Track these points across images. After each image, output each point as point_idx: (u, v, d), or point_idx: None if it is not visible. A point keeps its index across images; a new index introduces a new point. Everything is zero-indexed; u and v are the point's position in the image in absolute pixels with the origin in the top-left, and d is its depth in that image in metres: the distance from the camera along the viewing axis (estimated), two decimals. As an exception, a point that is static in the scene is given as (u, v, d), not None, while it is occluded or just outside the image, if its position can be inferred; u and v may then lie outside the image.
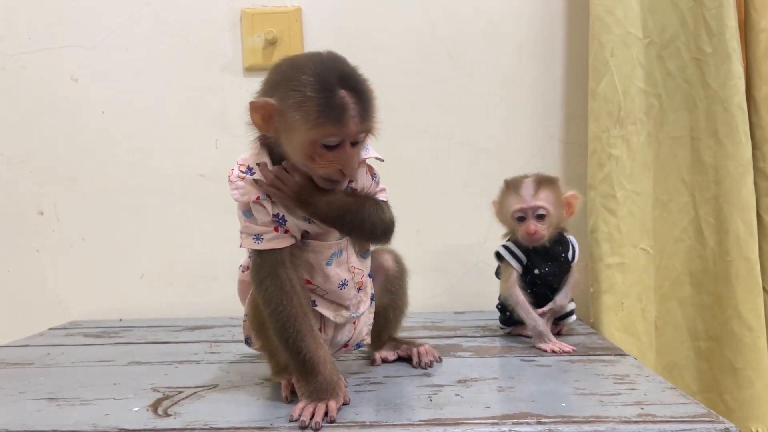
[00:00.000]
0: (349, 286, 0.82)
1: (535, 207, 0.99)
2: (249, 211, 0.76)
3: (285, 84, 0.71)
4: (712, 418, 0.66)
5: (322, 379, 0.71)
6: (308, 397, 0.70)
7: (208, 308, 1.34)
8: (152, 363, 0.94)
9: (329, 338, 0.84)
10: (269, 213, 0.75)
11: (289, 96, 0.70)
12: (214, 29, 1.33)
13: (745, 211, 1.16)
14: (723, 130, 1.16)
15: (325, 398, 0.70)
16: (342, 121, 0.69)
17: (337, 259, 0.81)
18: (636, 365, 0.88)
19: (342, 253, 0.81)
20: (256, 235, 0.76)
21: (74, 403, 0.75)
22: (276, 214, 0.75)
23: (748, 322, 1.15)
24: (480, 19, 1.32)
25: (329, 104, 0.69)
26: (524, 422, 0.66)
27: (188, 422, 0.67)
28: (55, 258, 1.36)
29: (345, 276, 0.81)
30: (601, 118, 1.18)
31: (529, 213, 0.99)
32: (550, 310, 1.02)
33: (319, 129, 0.69)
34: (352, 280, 0.82)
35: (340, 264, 0.81)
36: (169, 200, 1.35)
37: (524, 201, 0.99)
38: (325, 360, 0.73)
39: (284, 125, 0.71)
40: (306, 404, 0.69)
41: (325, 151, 0.71)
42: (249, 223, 0.76)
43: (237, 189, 0.75)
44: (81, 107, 1.34)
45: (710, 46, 1.16)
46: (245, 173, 0.76)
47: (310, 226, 0.78)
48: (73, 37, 1.34)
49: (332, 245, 0.80)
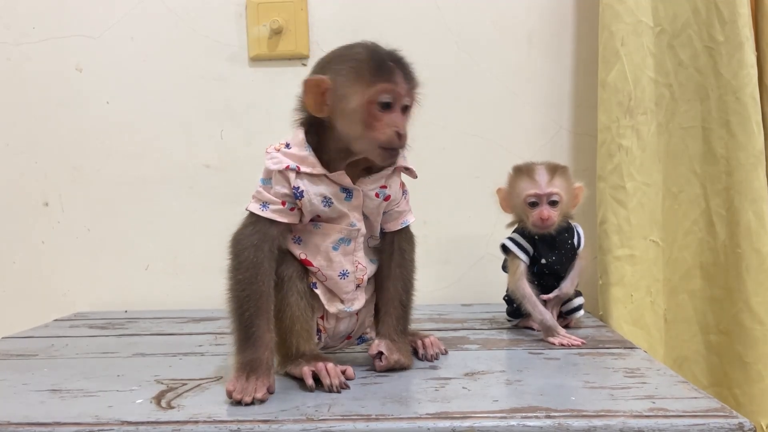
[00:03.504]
0: (348, 279, 0.82)
1: (550, 193, 0.97)
2: (269, 179, 0.79)
3: (336, 60, 0.77)
4: (725, 412, 0.64)
5: (257, 359, 0.72)
6: (240, 369, 0.72)
7: (213, 299, 1.31)
8: (156, 355, 0.94)
9: (331, 328, 0.84)
10: (289, 185, 0.77)
11: (342, 68, 0.75)
12: (219, 19, 1.32)
13: (756, 202, 1.14)
14: (735, 120, 1.14)
15: (255, 375, 0.71)
16: (394, 78, 0.75)
17: (344, 247, 0.81)
18: (646, 358, 0.87)
19: (350, 243, 0.81)
20: (264, 203, 0.78)
21: (77, 395, 0.74)
22: (296, 187, 0.77)
23: (759, 315, 1.14)
24: (489, 9, 1.30)
25: (382, 65, 0.75)
26: (533, 416, 0.64)
27: (192, 415, 0.66)
28: (60, 249, 1.36)
29: (348, 267, 0.81)
30: (611, 108, 1.16)
31: (543, 199, 0.98)
32: (555, 297, 1.00)
33: (374, 86, 0.74)
34: (353, 273, 0.82)
35: (346, 253, 0.81)
36: (175, 191, 1.34)
37: (539, 186, 0.98)
38: (268, 345, 0.74)
39: (337, 98, 0.75)
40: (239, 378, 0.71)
41: (381, 114, 0.74)
42: (263, 189, 0.79)
43: (271, 159, 0.79)
44: (86, 97, 1.34)
45: (722, 34, 1.14)
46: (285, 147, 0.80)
47: (326, 211, 0.78)
48: (77, 26, 1.33)
49: (342, 230, 0.80)
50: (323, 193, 0.78)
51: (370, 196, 0.80)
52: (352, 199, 0.79)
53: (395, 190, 0.82)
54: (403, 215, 0.85)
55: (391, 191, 0.81)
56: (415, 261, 0.86)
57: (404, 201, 0.85)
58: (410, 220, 0.86)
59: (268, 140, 1.30)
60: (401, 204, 0.84)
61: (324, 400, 0.70)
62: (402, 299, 0.84)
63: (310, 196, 0.77)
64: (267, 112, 1.33)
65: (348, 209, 0.79)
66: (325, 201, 0.78)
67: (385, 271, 0.85)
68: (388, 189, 0.81)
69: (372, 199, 0.81)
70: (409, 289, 0.85)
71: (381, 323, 0.84)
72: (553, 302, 1.01)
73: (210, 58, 1.32)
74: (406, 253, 0.85)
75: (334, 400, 0.70)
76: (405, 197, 0.85)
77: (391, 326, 0.83)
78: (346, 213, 0.79)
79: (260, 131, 1.33)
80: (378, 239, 0.85)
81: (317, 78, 0.75)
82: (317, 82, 0.75)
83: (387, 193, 0.81)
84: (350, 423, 0.64)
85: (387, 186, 0.81)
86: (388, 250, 0.85)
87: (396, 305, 0.84)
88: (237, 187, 1.33)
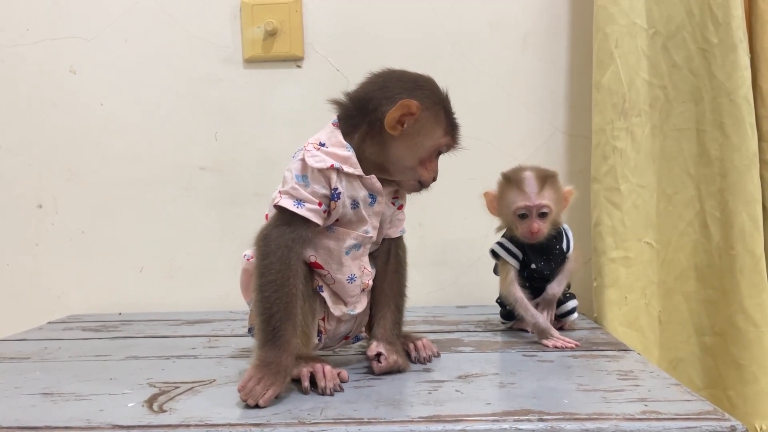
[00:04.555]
0: (356, 283, 0.83)
1: (540, 206, 0.96)
2: (306, 176, 0.77)
3: (421, 90, 0.79)
4: (718, 415, 0.64)
5: (278, 362, 0.71)
6: (257, 368, 0.71)
7: (208, 302, 1.33)
8: (150, 357, 0.93)
9: (332, 329, 0.85)
10: (329, 186, 0.77)
11: (429, 104, 0.79)
12: (214, 20, 1.32)
13: (750, 204, 1.14)
14: (729, 122, 1.15)
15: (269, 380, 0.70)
16: (456, 137, 0.83)
17: (355, 252, 0.82)
18: (640, 361, 0.87)
19: (360, 248, 0.83)
20: (299, 200, 0.76)
21: (69, 399, 0.74)
22: (335, 188, 0.77)
23: (753, 317, 1.14)
24: (484, 10, 1.30)
25: (453, 122, 0.83)
26: (525, 419, 0.64)
27: (183, 418, 0.66)
28: (54, 251, 1.35)
29: (356, 272, 0.83)
30: (606, 110, 1.16)
31: (533, 211, 0.96)
32: (542, 299, 1.00)
33: (446, 137, 0.82)
34: (360, 278, 0.83)
35: (355, 258, 0.83)
36: (169, 193, 1.34)
37: (529, 199, 0.96)
38: (291, 351, 0.73)
39: (416, 128, 0.79)
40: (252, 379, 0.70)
41: (434, 159, 0.82)
42: (298, 186, 0.77)
43: (313, 156, 0.77)
44: (80, 99, 1.33)
45: (716, 36, 1.14)
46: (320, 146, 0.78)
47: (351, 214, 0.79)
48: (72, 28, 1.33)
49: (357, 236, 0.81)
50: (354, 196, 0.79)
51: (388, 204, 0.84)
52: (375, 204, 0.81)
53: (405, 199, 0.87)
54: (402, 223, 0.89)
55: (402, 201, 0.87)
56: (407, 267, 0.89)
57: (402, 210, 0.89)
58: (405, 228, 0.89)
59: (263, 141, 1.33)
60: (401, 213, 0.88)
61: (317, 404, 0.70)
62: (398, 302, 0.86)
63: (344, 199, 0.78)
64: (262, 113, 1.33)
65: (369, 214, 0.81)
66: (353, 204, 0.79)
67: (381, 275, 0.87)
68: (400, 199, 0.86)
69: (389, 207, 0.84)
70: (403, 293, 0.88)
71: (377, 325, 0.85)
72: (544, 304, 1.00)
73: (204, 60, 1.32)
74: (401, 259, 0.88)
75: (327, 403, 0.70)
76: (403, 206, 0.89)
77: (387, 329, 0.84)
78: (366, 218, 0.81)
79: (255, 133, 1.33)
80: (377, 245, 0.87)
81: (416, 103, 0.77)
82: (412, 106, 0.76)
83: (400, 203, 0.86)
84: (342, 426, 0.64)
85: (399, 196, 0.86)
86: (384, 256, 0.87)
87: (392, 308, 0.86)
88: (232, 189, 1.34)
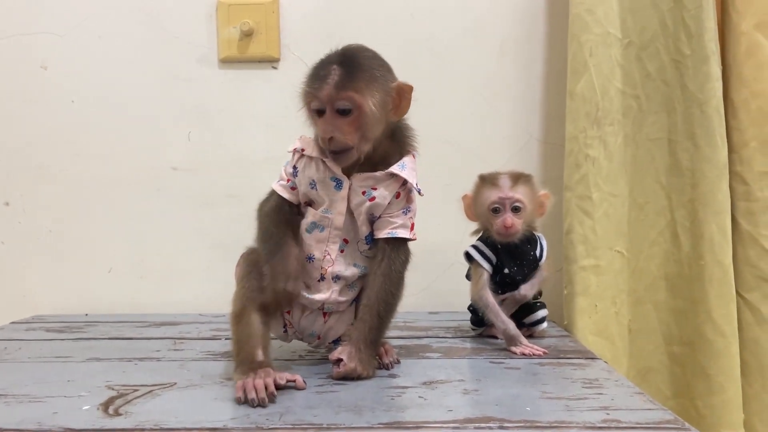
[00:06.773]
0: (314, 265, 0.83)
1: (513, 199, 0.97)
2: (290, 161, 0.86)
3: None
4: (678, 425, 0.64)
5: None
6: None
7: (178, 304, 1.31)
8: (111, 359, 0.91)
9: (296, 321, 0.86)
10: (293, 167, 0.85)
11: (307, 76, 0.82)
12: (189, 19, 1.30)
13: (719, 215, 1.15)
14: (700, 132, 1.15)
15: None
16: (318, 87, 0.78)
17: (318, 233, 0.83)
18: (606, 369, 0.87)
19: (324, 230, 0.83)
20: (279, 179, 0.87)
21: (23, 401, 0.72)
22: (295, 167, 0.85)
23: (721, 327, 1.14)
24: (462, 16, 1.30)
25: (314, 74, 0.80)
26: (486, 427, 0.64)
27: (138, 422, 0.65)
28: (20, 250, 1.32)
29: (315, 253, 0.83)
30: (579, 118, 1.16)
31: (506, 204, 0.97)
32: (511, 296, 1.00)
33: (305, 95, 0.81)
34: (319, 261, 0.83)
35: (318, 240, 0.84)
36: (141, 193, 1.32)
37: (502, 191, 0.98)
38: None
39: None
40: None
41: (317, 118, 0.81)
42: (283, 166, 0.87)
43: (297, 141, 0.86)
44: (51, 96, 1.31)
45: (689, 47, 1.15)
46: None
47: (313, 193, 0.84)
48: (44, 23, 1.30)
49: (315, 215, 0.84)
50: (311, 176, 0.83)
51: (357, 192, 0.82)
52: (341, 189, 0.82)
53: (383, 195, 0.83)
54: (392, 225, 0.84)
55: (377, 194, 0.82)
56: (403, 278, 0.85)
57: (401, 214, 0.84)
58: (399, 233, 0.84)
59: (236, 142, 1.32)
60: (395, 214, 0.84)
61: (276, 408, 0.69)
62: (379, 309, 0.82)
63: (301, 177, 0.84)
64: (236, 114, 1.31)
65: (334, 198, 0.83)
66: (311, 184, 0.83)
67: (369, 279, 0.84)
68: (376, 192, 0.82)
69: (358, 195, 0.82)
70: (389, 301, 0.83)
71: (354, 328, 0.83)
72: (509, 301, 1.00)
73: (179, 59, 1.31)
74: (393, 265, 0.83)
75: (287, 408, 0.69)
76: (403, 211, 0.85)
77: (362, 334, 0.81)
78: (323, 199, 0.83)
79: (229, 133, 1.31)
80: (367, 245, 0.85)
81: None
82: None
83: (373, 195, 0.82)
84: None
85: (377, 188, 0.83)
86: (376, 259, 0.84)
87: (373, 314, 0.82)
88: (204, 190, 1.33)
